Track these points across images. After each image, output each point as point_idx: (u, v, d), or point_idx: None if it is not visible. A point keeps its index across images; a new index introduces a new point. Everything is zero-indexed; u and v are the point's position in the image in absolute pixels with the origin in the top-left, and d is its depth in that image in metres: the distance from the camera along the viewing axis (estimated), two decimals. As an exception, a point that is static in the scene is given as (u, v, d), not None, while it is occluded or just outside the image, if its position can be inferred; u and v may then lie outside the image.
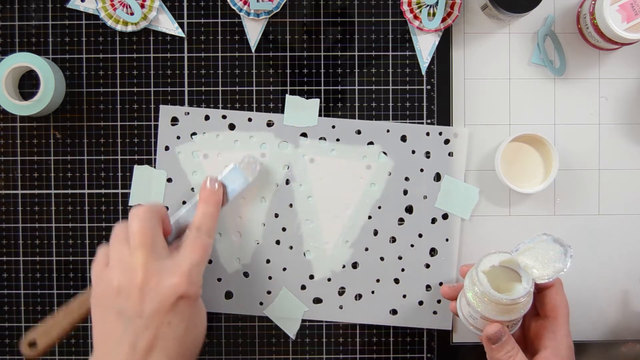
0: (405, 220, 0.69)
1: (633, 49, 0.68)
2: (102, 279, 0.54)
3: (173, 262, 0.54)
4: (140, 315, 0.51)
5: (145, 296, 0.52)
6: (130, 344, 0.51)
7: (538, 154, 0.67)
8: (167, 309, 0.52)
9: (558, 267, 0.55)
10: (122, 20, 0.68)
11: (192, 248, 0.56)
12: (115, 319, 0.52)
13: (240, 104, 0.69)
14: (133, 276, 0.52)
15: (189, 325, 0.53)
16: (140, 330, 0.51)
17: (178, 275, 0.52)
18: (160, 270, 0.53)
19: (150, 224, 0.55)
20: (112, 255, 0.55)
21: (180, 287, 0.52)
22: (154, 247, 0.54)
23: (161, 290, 0.52)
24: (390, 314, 0.69)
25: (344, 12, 0.69)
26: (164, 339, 0.51)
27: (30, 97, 0.66)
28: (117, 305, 0.52)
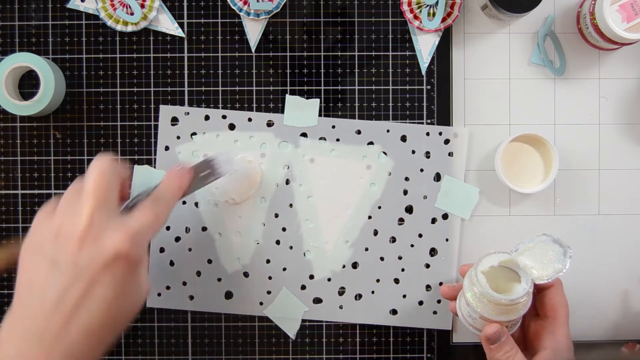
0: (405, 220, 0.69)
1: (633, 49, 0.68)
2: (43, 225, 0.50)
3: (120, 221, 0.50)
4: (75, 264, 0.47)
5: (84, 246, 0.48)
6: (57, 297, 0.47)
7: (538, 154, 0.67)
8: (102, 266, 0.48)
9: (557, 268, 0.55)
10: (122, 20, 0.68)
11: (144, 212, 0.52)
12: (47, 268, 0.48)
13: (240, 104, 0.69)
14: (76, 222, 0.48)
15: (121, 290, 0.49)
16: (71, 282, 0.47)
17: (122, 233, 0.49)
18: (105, 224, 0.49)
19: (109, 178, 0.51)
20: (61, 203, 0.51)
21: (121, 246, 0.48)
22: (106, 201, 0.50)
23: (101, 244, 0.48)
24: (390, 314, 0.69)
25: (344, 12, 0.69)
26: (93, 298, 0.47)
27: (30, 97, 0.66)
28: (52, 252, 0.48)
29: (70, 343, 0.47)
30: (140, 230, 0.50)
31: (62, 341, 0.47)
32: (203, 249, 0.69)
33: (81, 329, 0.47)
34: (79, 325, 0.47)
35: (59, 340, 0.47)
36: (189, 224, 0.68)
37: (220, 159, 0.62)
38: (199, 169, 0.61)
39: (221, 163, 0.62)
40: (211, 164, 0.61)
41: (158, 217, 0.53)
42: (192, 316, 0.69)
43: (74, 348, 0.47)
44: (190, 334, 0.69)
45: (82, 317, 0.47)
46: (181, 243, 0.69)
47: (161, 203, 0.54)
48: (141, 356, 0.69)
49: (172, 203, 0.56)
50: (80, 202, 0.50)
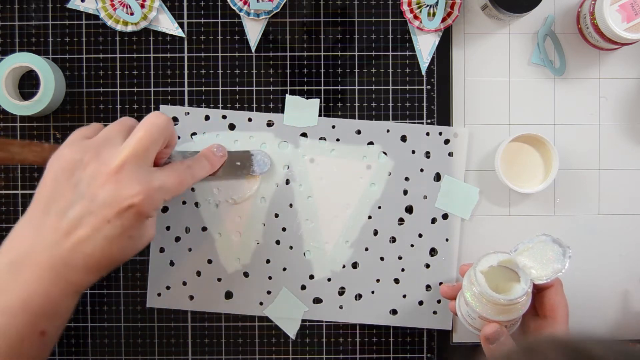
0: (405, 220, 0.69)
1: (633, 49, 0.68)
2: (81, 146, 0.54)
3: (146, 174, 0.54)
4: (94, 198, 0.52)
5: (106, 186, 0.52)
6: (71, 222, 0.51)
7: (538, 154, 0.67)
8: (116, 210, 0.52)
9: (557, 268, 0.55)
10: (122, 20, 0.68)
11: (170, 173, 0.56)
12: (70, 189, 0.52)
13: (240, 104, 0.69)
14: (109, 162, 0.52)
15: (126, 235, 0.53)
16: (86, 212, 0.51)
17: (142, 187, 0.52)
18: (132, 173, 0.53)
19: (155, 138, 0.55)
20: (103, 135, 0.55)
21: (136, 199, 0.52)
22: (142, 157, 0.54)
23: (121, 190, 0.52)
24: (390, 314, 0.69)
25: (344, 12, 0.69)
26: (99, 233, 0.51)
27: (30, 97, 0.66)
28: (78, 177, 0.52)
29: (71, 264, 0.52)
30: (159, 189, 0.54)
31: (65, 259, 0.51)
32: (203, 249, 0.69)
33: (82, 255, 0.52)
34: (82, 252, 0.52)
35: (63, 258, 0.51)
36: (189, 224, 0.68)
37: (258, 157, 0.67)
38: (235, 158, 0.66)
39: (257, 162, 0.67)
40: (248, 159, 0.66)
41: (181, 183, 0.57)
42: (192, 316, 0.69)
43: (73, 268, 0.52)
44: (190, 334, 0.69)
45: (86, 246, 0.52)
46: (181, 243, 0.69)
47: (189, 172, 0.59)
48: (141, 356, 0.69)
49: (198, 176, 0.60)
50: (119, 146, 0.54)
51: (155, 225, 0.57)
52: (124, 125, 0.57)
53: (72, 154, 0.54)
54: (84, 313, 0.69)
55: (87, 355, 0.69)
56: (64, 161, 0.53)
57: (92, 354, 0.69)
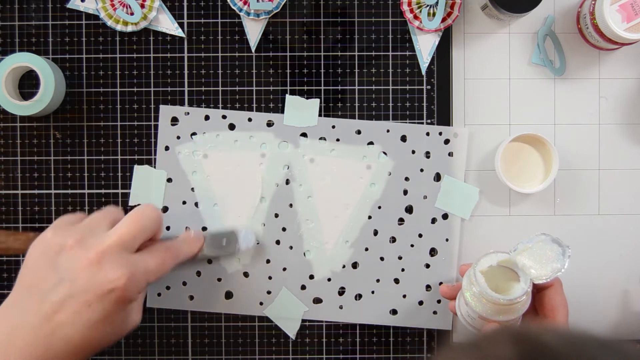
0: (405, 220, 0.69)
1: (633, 49, 0.68)
2: (64, 231, 0.54)
3: (128, 258, 0.54)
4: (75, 282, 0.51)
5: (89, 270, 0.51)
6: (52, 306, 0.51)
7: (538, 154, 0.67)
8: (98, 294, 0.51)
9: (556, 268, 0.55)
10: (122, 20, 0.68)
11: (152, 255, 0.56)
12: (52, 274, 0.52)
13: (240, 104, 0.69)
14: (92, 247, 0.52)
15: (108, 319, 0.52)
16: (67, 296, 0.51)
17: (124, 270, 0.52)
18: (114, 259, 0.52)
19: (141, 230, 0.55)
20: (89, 222, 0.55)
21: (119, 282, 0.52)
22: (127, 247, 0.54)
23: (103, 274, 0.51)
24: (390, 314, 0.69)
25: (344, 12, 0.69)
26: (80, 317, 0.51)
27: (30, 97, 0.66)
28: (61, 259, 0.52)
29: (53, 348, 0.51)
30: (142, 272, 0.54)
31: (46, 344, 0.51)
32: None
33: (63, 340, 0.51)
34: (62, 336, 0.51)
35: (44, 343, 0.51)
36: (189, 224, 0.68)
37: (243, 234, 0.67)
38: (221, 236, 0.66)
39: (243, 238, 0.67)
40: (233, 237, 0.66)
41: (163, 264, 0.57)
42: (192, 316, 0.69)
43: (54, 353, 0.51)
44: (190, 334, 0.69)
45: (67, 331, 0.51)
46: (179, 241, 0.69)
47: (170, 253, 0.58)
48: (141, 356, 0.69)
49: (180, 256, 0.60)
50: (103, 233, 0.54)
51: (141, 311, 0.57)
52: (109, 214, 0.57)
53: (55, 238, 0.53)
54: (84, 313, 0.69)
55: (87, 355, 0.69)
56: (46, 244, 0.53)
57: (92, 354, 0.69)
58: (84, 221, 0.56)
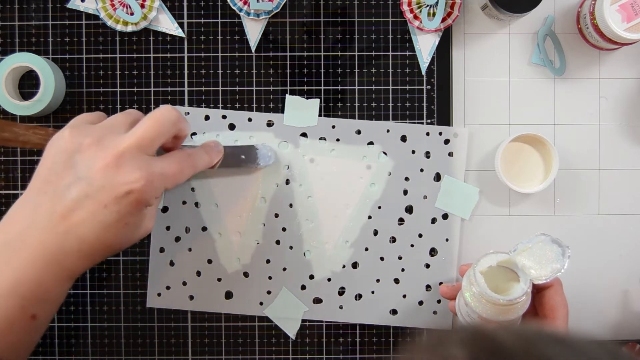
0: (405, 220, 0.69)
1: (633, 49, 0.68)
2: (83, 128, 0.53)
3: (147, 161, 0.52)
4: (92, 182, 0.50)
5: (106, 170, 0.51)
6: (68, 205, 0.50)
7: (538, 154, 0.67)
8: (114, 195, 0.50)
9: (556, 268, 0.55)
10: (122, 20, 0.68)
11: (171, 161, 0.55)
12: (68, 172, 0.51)
13: (240, 104, 0.69)
14: (110, 147, 0.51)
15: (122, 222, 0.51)
16: (83, 195, 0.50)
17: (142, 172, 0.51)
18: (132, 161, 0.51)
19: (160, 132, 0.54)
20: (108, 122, 0.54)
21: (136, 185, 0.51)
22: (145, 148, 0.53)
23: (120, 176, 0.51)
24: (390, 314, 0.69)
25: (344, 12, 0.69)
26: (95, 218, 0.50)
27: (30, 97, 0.66)
28: (78, 159, 0.51)
29: (65, 247, 0.51)
30: (160, 176, 0.53)
31: (59, 243, 0.50)
32: (203, 249, 0.69)
33: (77, 239, 0.51)
34: (76, 236, 0.51)
35: (57, 241, 0.50)
36: (189, 224, 0.69)
37: (263, 151, 0.67)
38: (241, 151, 0.66)
39: (262, 155, 0.67)
40: (253, 153, 0.66)
41: (181, 171, 0.56)
42: (192, 316, 0.69)
43: (66, 253, 0.51)
44: (190, 334, 0.69)
45: (81, 230, 0.50)
46: (181, 243, 0.69)
47: (189, 161, 0.57)
48: (141, 356, 0.69)
49: (198, 166, 0.58)
50: (122, 134, 0.53)
51: (154, 218, 0.56)
52: (129, 116, 0.56)
53: (73, 137, 0.52)
54: (84, 313, 0.69)
55: (87, 355, 0.69)
56: (64, 143, 0.52)
57: (92, 354, 0.69)
58: (104, 122, 0.55)
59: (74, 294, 0.69)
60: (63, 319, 0.69)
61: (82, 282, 0.69)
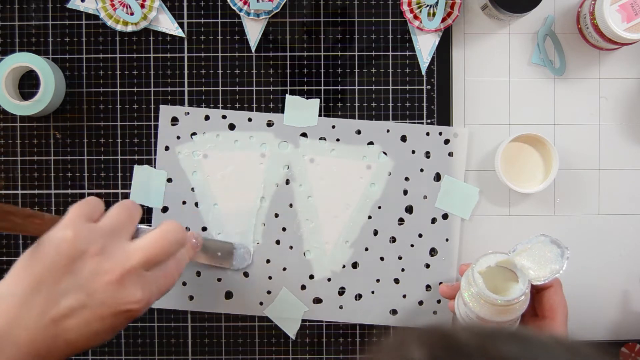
0: (405, 220, 0.69)
1: (633, 49, 0.68)
2: (85, 230, 0.51)
3: (147, 278, 0.52)
4: (91, 294, 0.49)
5: (109, 286, 0.50)
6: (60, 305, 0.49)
7: (538, 154, 0.67)
8: (113, 311, 0.50)
9: (554, 269, 0.55)
10: (122, 20, 0.68)
11: (165, 273, 0.54)
12: (66, 272, 0.49)
13: (240, 104, 0.69)
14: (117, 261, 0.50)
15: (113, 331, 0.51)
16: (79, 303, 0.49)
17: (144, 294, 0.51)
18: (137, 280, 0.51)
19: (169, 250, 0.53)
20: (110, 222, 0.52)
21: (137, 305, 0.51)
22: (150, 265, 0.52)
23: (123, 294, 0.50)
24: (390, 314, 0.69)
25: (344, 12, 0.69)
26: (88, 325, 0.50)
27: (30, 97, 0.66)
28: (80, 266, 0.50)
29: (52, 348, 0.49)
30: (156, 292, 0.53)
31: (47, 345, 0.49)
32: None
33: (65, 342, 0.50)
34: (65, 340, 0.49)
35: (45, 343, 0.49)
36: (189, 224, 0.69)
37: (240, 252, 0.68)
38: (217, 248, 0.66)
39: (238, 256, 0.68)
40: (230, 253, 0.67)
41: (172, 282, 0.55)
42: (192, 316, 0.69)
43: (52, 353, 0.49)
44: (190, 334, 0.69)
45: (71, 335, 0.49)
46: (181, 243, 0.69)
47: (179, 269, 0.56)
48: (141, 356, 0.69)
49: (182, 270, 0.57)
50: (126, 244, 0.52)
51: None
52: (128, 213, 0.54)
53: (77, 242, 0.50)
54: (84, 313, 0.69)
55: (87, 355, 0.69)
56: (66, 246, 0.50)
57: (92, 354, 0.69)
58: (105, 221, 0.53)
59: (74, 294, 0.69)
60: (63, 318, 0.69)
61: (82, 282, 0.69)
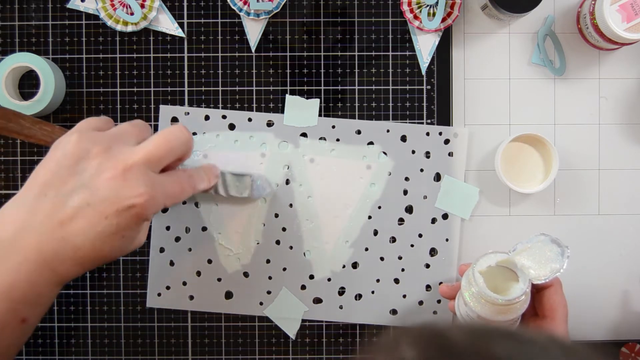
0: (405, 220, 0.69)
1: (633, 49, 0.68)
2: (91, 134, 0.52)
3: (151, 177, 0.52)
4: (94, 191, 0.50)
5: (112, 181, 0.50)
6: (66, 205, 0.49)
7: (538, 154, 0.67)
8: (116, 208, 0.50)
9: (555, 268, 0.55)
10: (122, 20, 0.68)
11: (174, 180, 0.55)
12: (70, 173, 0.50)
13: (240, 104, 0.69)
14: (120, 158, 0.51)
15: (119, 233, 0.51)
16: (83, 202, 0.50)
17: (147, 188, 0.51)
18: (139, 175, 0.51)
19: (173, 151, 0.54)
20: (117, 130, 0.54)
21: (140, 198, 0.50)
22: (154, 164, 0.53)
23: (125, 188, 0.50)
24: (390, 314, 0.69)
25: (344, 12, 0.69)
26: (93, 228, 0.50)
27: (30, 97, 0.66)
28: (84, 165, 0.51)
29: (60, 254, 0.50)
30: (162, 194, 0.53)
31: (54, 249, 0.50)
32: (203, 249, 0.69)
33: (72, 247, 0.50)
34: (72, 244, 0.50)
35: (52, 247, 0.50)
36: (189, 224, 0.69)
37: (258, 182, 0.67)
38: (233, 179, 0.65)
39: (257, 186, 0.67)
40: (247, 183, 0.66)
41: (182, 191, 0.56)
42: (192, 316, 0.69)
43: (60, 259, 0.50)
44: (190, 334, 0.69)
45: (78, 239, 0.50)
46: (181, 243, 0.69)
47: (190, 182, 0.57)
48: (141, 356, 0.69)
49: (198, 188, 0.59)
50: (131, 146, 0.53)
51: (147, 232, 0.56)
52: (138, 128, 0.55)
53: (81, 142, 0.51)
54: (84, 313, 0.69)
55: (87, 355, 0.69)
56: (70, 147, 0.51)
57: (92, 354, 0.69)
58: (112, 130, 0.54)
59: (74, 294, 0.69)
60: (63, 319, 0.69)
61: (82, 282, 0.69)
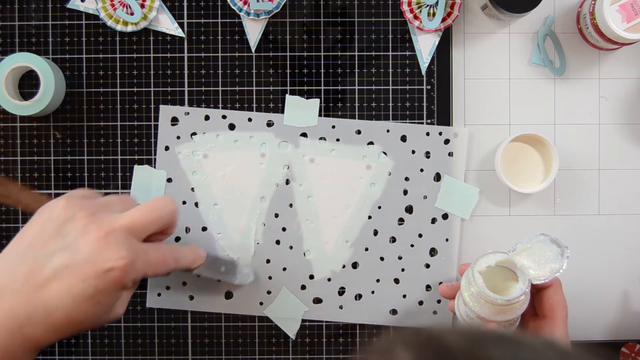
0: (405, 220, 0.69)
1: (633, 49, 0.68)
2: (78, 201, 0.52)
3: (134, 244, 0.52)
4: (75, 252, 0.50)
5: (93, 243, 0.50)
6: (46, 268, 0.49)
7: (538, 154, 0.67)
8: (95, 269, 0.49)
9: (554, 268, 0.55)
10: (122, 20, 0.68)
11: (156, 250, 0.54)
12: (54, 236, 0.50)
13: (240, 104, 0.69)
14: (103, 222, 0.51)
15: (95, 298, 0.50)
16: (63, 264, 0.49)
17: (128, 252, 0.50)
18: (121, 240, 0.51)
19: (158, 220, 0.54)
20: (104, 200, 0.54)
21: (120, 261, 0.50)
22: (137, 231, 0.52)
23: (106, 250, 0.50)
24: (390, 314, 0.69)
25: (344, 12, 0.69)
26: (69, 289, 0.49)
27: (30, 97, 0.66)
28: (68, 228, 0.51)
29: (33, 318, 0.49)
30: (143, 261, 0.52)
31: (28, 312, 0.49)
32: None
33: (45, 311, 0.49)
34: (45, 308, 0.49)
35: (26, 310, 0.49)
36: (189, 224, 0.69)
37: (244, 271, 0.67)
38: (221, 262, 0.65)
39: (241, 274, 0.66)
40: (233, 268, 0.66)
41: (164, 263, 0.55)
42: (192, 316, 0.69)
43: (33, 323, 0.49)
44: (190, 334, 0.69)
45: (51, 302, 0.49)
46: (181, 243, 0.69)
47: (173, 256, 0.57)
48: (141, 356, 0.69)
49: (180, 264, 0.58)
50: (116, 214, 0.52)
51: (126, 305, 0.55)
52: (124, 199, 0.56)
53: (68, 207, 0.52)
54: (84, 313, 0.69)
55: (87, 355, 0.69)
56: (57, 212, 0.52)
57: (92, 354, 0.69)
58: (99, 199, 0.55)
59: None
60: (63, 318, 0.69)
61: (82, 282, 0.69)
